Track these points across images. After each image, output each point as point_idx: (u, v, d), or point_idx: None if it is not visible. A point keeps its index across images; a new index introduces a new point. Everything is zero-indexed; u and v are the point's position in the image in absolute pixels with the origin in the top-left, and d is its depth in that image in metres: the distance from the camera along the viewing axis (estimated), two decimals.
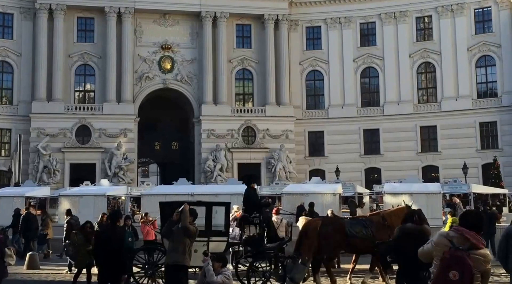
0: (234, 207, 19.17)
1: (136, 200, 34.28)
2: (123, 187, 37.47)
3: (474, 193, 32.75)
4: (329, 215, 19.10)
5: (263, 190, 35.03)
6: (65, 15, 47.37)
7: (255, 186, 15.09)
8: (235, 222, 17.97)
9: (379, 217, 14.38)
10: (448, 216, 19.17)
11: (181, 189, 31.12)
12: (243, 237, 14.23)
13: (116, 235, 9.88)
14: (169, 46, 49.33)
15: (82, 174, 44.34)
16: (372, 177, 48.57)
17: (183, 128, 52.81)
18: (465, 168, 41.33)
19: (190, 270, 11.20)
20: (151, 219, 20.79)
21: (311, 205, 21.70)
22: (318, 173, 45.75)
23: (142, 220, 20.88)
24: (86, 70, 48.65)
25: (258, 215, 14.16)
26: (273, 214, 18.03)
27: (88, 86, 49.21)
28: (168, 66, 49.52)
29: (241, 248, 15.10)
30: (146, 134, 50.92)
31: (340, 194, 29.86)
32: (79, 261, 13.68)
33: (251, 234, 14.12)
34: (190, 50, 49.82)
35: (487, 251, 5.32)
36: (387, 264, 10.42)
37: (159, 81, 49.40)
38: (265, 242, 14.07)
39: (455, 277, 4.96)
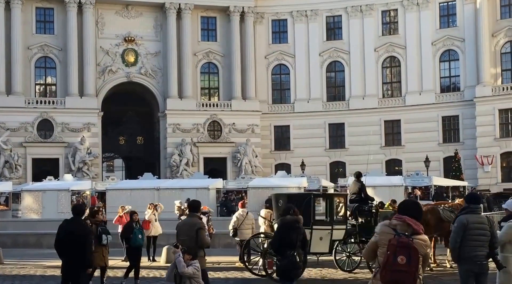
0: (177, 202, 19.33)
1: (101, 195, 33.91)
2: (87, 181, 37.18)
3: (435, 185, 33.46)
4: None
5: (229, 184, 35.13)
6: (23, 6, 45.95)
7: (362, 180, 16.21)
8: (206, 215, 17.95)
9: (457, 205, 15.73)
10: None
11: (146, 184, 31.02)
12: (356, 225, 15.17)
13: (79, 228, 9.78)
14: (132, 38, 48.63)
15: (45, 168, 43.71)
16: (337, 170, 49.04)
17: (148, 123, 52.30)
18: (427, 161, 42.28)
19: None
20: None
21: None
22: (283, 167, 45.92)
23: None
24: (46, 63, 47.58)
25: (371, 206, 15.27)
26: (239, 208, 18.09)
27: (49, 80, 48.17)
28: (132, 59, 48.86)
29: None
30: (110, 129, 50.36)
31: (305, 187, 30.10)
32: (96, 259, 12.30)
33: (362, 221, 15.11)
34: (154, 43, 49.23)
35: (426, 236, 5.66)
36: None
37: (122, 75, 48.70)
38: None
39: (403, 261, 5.29)
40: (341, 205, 15.00)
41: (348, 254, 14.88)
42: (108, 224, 18.59)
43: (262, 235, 15.34)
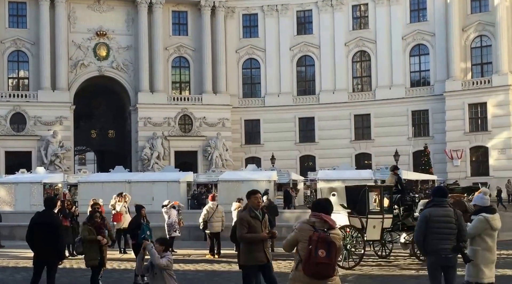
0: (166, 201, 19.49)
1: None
2: (59, 174, 37.24)
3: (405, 179, 33.90)
4: (264, 201, 19.56)
5: (200, 177, 35.28)
6: None
7: (396, 171, 16.98)
8: (171, 209, 18.19)
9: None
10: None
11: (118, 177, 31.14)
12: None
13: (51, 220, 9.85)
14: (104, 32, 48.43)
15: (17, 161, 43.52)
16: (307, 164, 49.45)
17: (120, 116, 52.16)
18: (396, 155, 42.61)
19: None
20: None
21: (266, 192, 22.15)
22: (254, 161, 46.35)
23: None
24: (19, 57, 47.38)
25: (413, 196, 16.00)
26: (209, 201, 18.33)
27: (22, 73, 47.97)
28: (104, 53, 48.69)
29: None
30: (83, 122, 50.30)
31: (275, 181, 30.47)
32: (90, 258, 11.71)
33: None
34: (126, 37, 49.09)
35: (339, 231, 6.28)
36: None
37: (94, 69, 48.55)
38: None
39: (323, 254, 5.77)
40: (386, 196, 15.83)
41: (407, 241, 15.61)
42: (80, 217, 18.90)
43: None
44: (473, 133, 44.93)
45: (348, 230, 14.65)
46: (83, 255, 11.89)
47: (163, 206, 18.42)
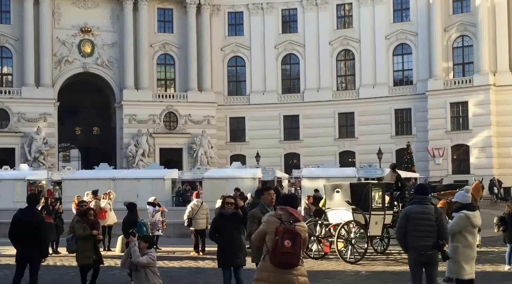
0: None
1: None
2: (43, 171, 37.02)
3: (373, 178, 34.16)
4: (248, 198, 19.80)
5: (185, 174, 35.36)
6: None
7: (396, 169, 17.92)
8: (155, 207, 18.34)
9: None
10: None
11: (102, 174, 31.01)
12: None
13: (34, 217, 9.85)
14: (89, 29, 48.27)
15: (1, 158, 43.10)
16: (292, 162, 49.71)
17: (105, 113, 52.01)
18: (380, 153, 43.20)
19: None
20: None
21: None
22: (239, 158, 46.50)
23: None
24: (2, 53, 47.26)
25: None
26: (193, 198, 18.48)
27: (5, 69, 47.74)
28: (88, 50, 48.53)
29: None
30: (67, 119, 49.98)
31: (259, 178, 30.61)
32: (83, 256, 11.27)
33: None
34: (111, 33, 48.98)
35: (304, 223, 6.56)
36: None
37: (79, 65, 48.39)
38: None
39: (288, 244, 6.09)
40: (387, 193, 16.47)
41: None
42: (64, 215, 18.94)
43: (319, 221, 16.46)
44: (454, 132, 45.59)
45: (351, 225, 15.11)
46: (74, 254, 11.57)
47: (148, 203, 18.55)
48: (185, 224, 17.73)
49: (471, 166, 44.73)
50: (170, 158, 47.41)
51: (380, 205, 15.82)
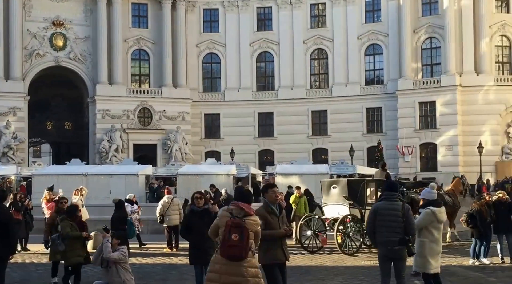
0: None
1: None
2: (12, 167, 36.50)
3: (358, 174, 34.82)
4: (223, 194, 19.97)
5: (159, 170, 35.28)
6: None
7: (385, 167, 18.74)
8: (133, 206, 18.34)
9: (451, 190, 18.97)
10: None
11: (74, 169, 30.63)
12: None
13: (1, 214, 9.58)
14: (61, 22, 47.72)
15: None
16: (266, 158, 50.10)
17: (77, 108, 51.52)
18: (351, 151, 43.96)
19: None
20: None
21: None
22: (213, 155, 46.55)
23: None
24: None
25: (401, 190, 16.70)
26: (164, 194, 18.55)
27: None
28: (60, 43, 47.98)
29: None
30: (38, 114, 49.32)
31: (234, 174, 30.75)
32: (73, 255, 10.80)
33: None
34: (84, 27, 48.53)
35: (257, 217, 6.80)
36: None
37: (50, 59, 47.79)
38: None
39: (236, 238, 6.38)
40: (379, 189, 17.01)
41: None
42: (34, 211, 18.82)
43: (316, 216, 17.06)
44: (422, 131, 46.66)
45: (347, 219, 15.67)
46: (57, 253, 11.09)
47: (126, 200, 18.55)
48: (158, 221, 17.80)
49: (438, 163, 45.89)
50: (144, 154, 47.27)
51: (374, 200, 16.28)
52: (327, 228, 16.64)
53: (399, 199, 8.49)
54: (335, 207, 16.57)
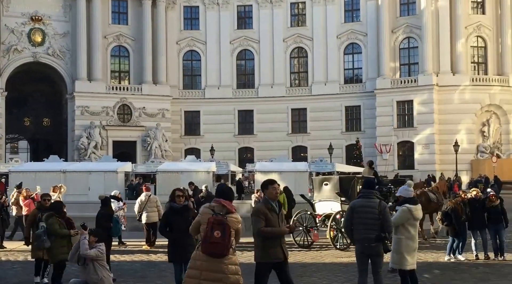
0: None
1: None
2: None
3: (337, 171, 35.08)
4: (203, 191, 20.05)
5: (138, 167, 35.15)
6: None
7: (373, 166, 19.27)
8: (119, 203, 18.32)
9: (435, 188, 19.66)
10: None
11: (52, 166, 30.39)
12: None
13: None
14: (39, 17, 47.29)
15: None
16: (245, 156, 50.32)
17: (56, 104, 51.08)
18: (330, 148, 44.32)
19: None
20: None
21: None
22: (193, 152, 46.70)
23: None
24: None
25: (389, 187, 17.51)
26: (143, 190, 18.58)
27: None
28: (39, 39, 47.56)
29: None
30: (15, 109, 48.77)
31: (213, 172, 30.84)
32: (60, 252, 10.50)
33: None
34: (63, 23, 48.17)
35: (238, 215, 6.82)
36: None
37: (28, 55, 47.38)
38: None
39: (218, 234, 6.42)
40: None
41: None
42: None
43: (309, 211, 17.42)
44: (400, 129, 47.29)
45: (339, 215, 15.98)
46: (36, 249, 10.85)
47: (111, 197, 18.50)
48: (137, 218, 17.81)
49: (415, 161, 46.61)
50: (124, 151, 47.06)
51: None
52: (318, 224, 16.89)
53: (376, 196, 8.60)
54: (328, 203, 16.99)
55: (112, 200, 17.86)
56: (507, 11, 47.31)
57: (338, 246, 15.74)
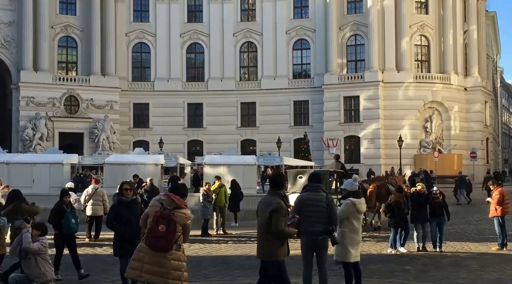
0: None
1: None
2: None
3: (286, 165, 35.55)
4: (148, 184, 20.01)
5: (85, 159, 34.72)
6: None
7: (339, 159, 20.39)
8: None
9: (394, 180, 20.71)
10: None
11: None
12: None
13: None
14: None
15: None
16: (195, 148, 50.31)
17: (0, 95, 49.81)
18: (279, 142, 44.74)
19: None
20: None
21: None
22: (142, 144, 46.37)
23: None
24: None
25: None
26: (92, 183, 18.47)
27: None
28: None
29: None
30: None
31: (162, 164, 30.83)
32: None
33: None
34: (8, 12, 46.99)
35: (188, 211, 6.77)
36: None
37: None
38: None
39: (162, 229, 6.37)
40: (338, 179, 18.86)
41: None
42: None
43: None
44: (347, 124, 48.32)
45: None
46: None
47: (69, 189, 18.26)
48: (82, 210, 17.70)
49: (361, 155, 47.76)
50: (70, 143, 46.32)
51: (334, 189, 18.04)
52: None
53: (323, 190, 8.64)
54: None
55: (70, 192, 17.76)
56: (449, 12, 48.92)
57: None
